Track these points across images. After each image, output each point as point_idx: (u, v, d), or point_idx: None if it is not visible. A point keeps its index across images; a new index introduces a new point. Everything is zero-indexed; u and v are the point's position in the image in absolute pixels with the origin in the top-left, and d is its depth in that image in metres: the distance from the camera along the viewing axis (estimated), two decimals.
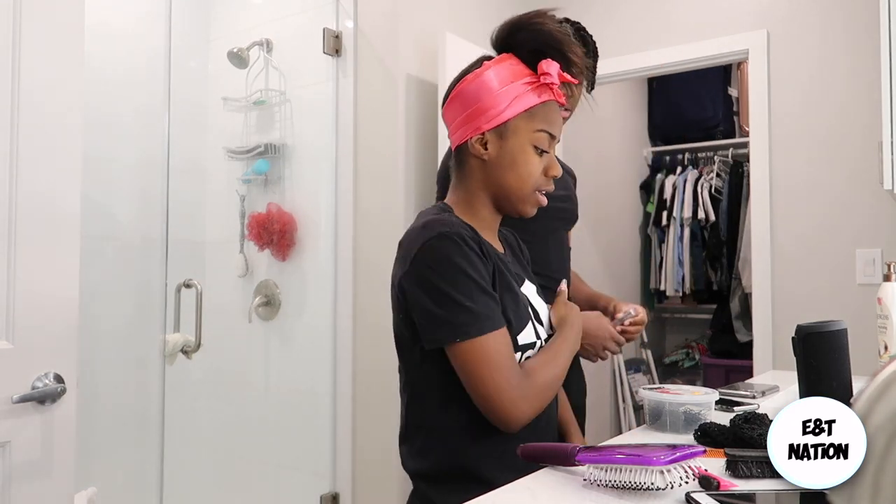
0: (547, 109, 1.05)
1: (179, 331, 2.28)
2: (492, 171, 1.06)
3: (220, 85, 2.69)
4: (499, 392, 0.95)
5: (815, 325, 1.11)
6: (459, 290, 0.96)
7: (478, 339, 0.95)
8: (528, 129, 1.04)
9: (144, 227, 2.41)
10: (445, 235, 0.98)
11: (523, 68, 1.04)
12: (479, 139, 1.04)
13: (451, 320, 0.96)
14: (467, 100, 1.04)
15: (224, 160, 2.67)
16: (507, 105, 1.02)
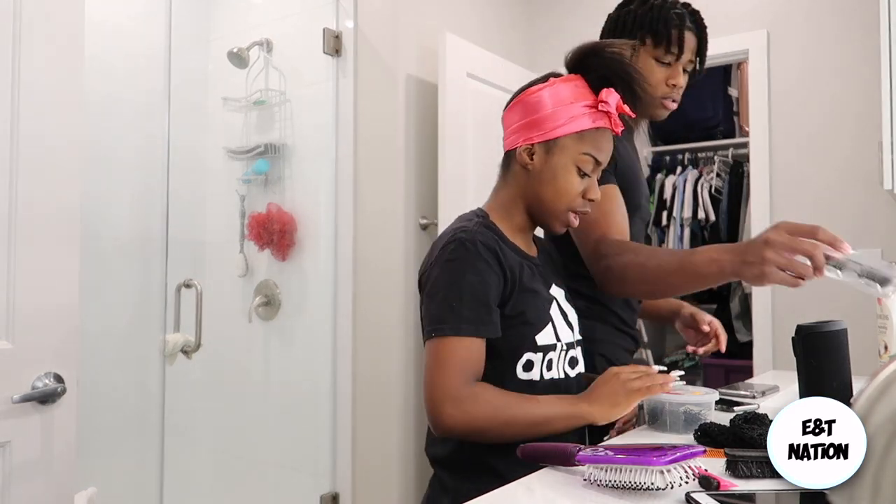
0: (598, 136, 1.09)
1: (179, 331, 2.28)
2: (533, 181, 1.10)
3: (220, 85, 2.69)
4: (434, 391, 0.99)
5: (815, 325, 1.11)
6: (452, 290, 1.00)
7: (447, 339, 0.99)
8: (575, 150, 1.08)
9: (144, 227, 2.41)
10: (461, 241, 1.03)
11: (587, 92, 1.09)
12: (527, 149, 1.10)
13: (435, 315, 1.01)
14: (526, 109, 1.10)
15: (224, 160, 2.67)
16: (561, 123, 1.07)
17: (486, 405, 0.99)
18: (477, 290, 1.00)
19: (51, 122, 1.17)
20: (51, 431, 1.16)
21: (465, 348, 0.99)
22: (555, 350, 1.08)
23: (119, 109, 2.33)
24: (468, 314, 0.99)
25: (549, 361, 1.09)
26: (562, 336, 1.11)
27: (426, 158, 2.57)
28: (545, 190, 1.10)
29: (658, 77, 1.32)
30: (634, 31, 1.32)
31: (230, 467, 2.65)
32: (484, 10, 2.92)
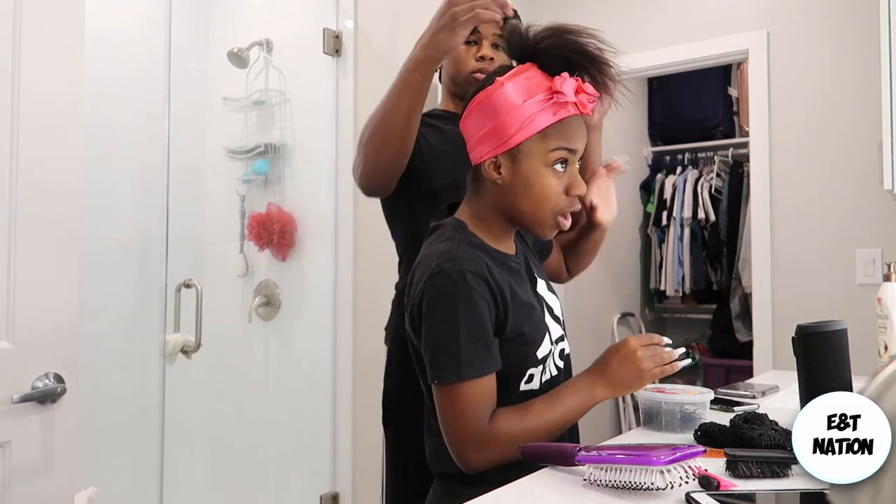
0: (564, 126, 0.99)
1: (179, 331, 2.28)
2: (506, 195, 1.01)
3: (220, 85, 2.69)
4: (455, 437, 0.96)
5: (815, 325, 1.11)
6: (448, 333, 0.94)
7: (452, 386, 0.94)
8: (541, 151, 0.98)
9: (144, 227, 2.41)
10: (447, 274, 0.94)
11: (541, 81, 0.99)
12: (492, 163, 1.00)
13: (434, 362, 0.96)
14: (481, 118, 1.00)
15: (224, 160, 2.67)
16: (518, 127, 0.97)
17: (508, 440, 0.95)
18: (473, 328, 0.94)
19: (51, 123, 1.17)
20: (51, 431, 1.16)
21: (472, 390, 0.94)
22: (550, 355, 1.06)
23: (119, 109, 2.34)
24: (468, 356, 0.94)
25: (546, 368, 1.07)
26: (553, 336, 1.08)
27: None
28: (521, 202, 1.00)
29: (465, 55, 1.37)
30: None
31: (230, 467, 2.65)
32: None
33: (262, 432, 2.56)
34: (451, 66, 1.40)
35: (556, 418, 0.98)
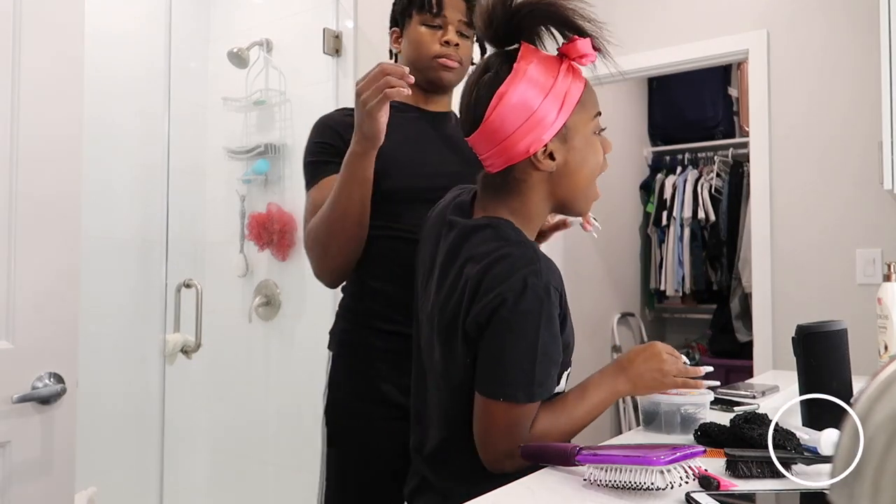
0: (590, 92, 0.99)
1: (179, 331, 2.28)
2: (563, 178, 0.97)
3: (220, 85, 2.69)
4: (498, 450, 0.94)
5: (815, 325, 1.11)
6: (526, 351, 0.90)
7: (518, 406, 0.91)
8: (585, 121, 0.97)
9: (144, 227, 2.41)
10: (534, 289, 0.89)
11: (548, 57, 0.95)
12: (543, 152, 0.94)
13: (505, 378, 0.91)
14: (514, 116, 0.93)
15: (224, 160, 2.67)
16: (560, 105, 0.93)
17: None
18: (550, 349, 0.92)
19: (51, 123, 1.17)
20: (51, 431, 1.16)
21: (529, 414, 0.93)
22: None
23: (119, 109, 2.34)
24: (540, 377, 0.91)
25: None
26: None
27: None
28: (580, 177, 0.98)
29: (429, 38, 1.31)
30: (405, 11, 1.34)
31: (230, 467, 2.65)
32: None
33: (262, 432, 2.56)
34: (412, 51, 1.32)
35: (583, 415, 0.98)
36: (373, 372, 1.30)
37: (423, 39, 1.31)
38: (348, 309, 1.37)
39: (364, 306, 1.33)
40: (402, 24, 1.35)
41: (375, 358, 1.31)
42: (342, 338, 1.36)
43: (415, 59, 1.32)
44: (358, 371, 1.32)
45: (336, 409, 1.34)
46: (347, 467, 1.31)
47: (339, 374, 1.35)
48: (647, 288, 4.22)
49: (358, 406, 1.30)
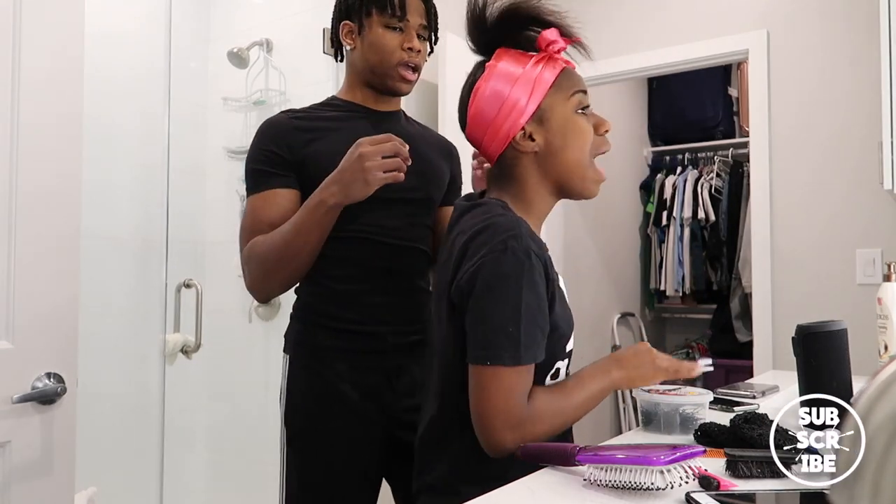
0: (567, 75, 1.04)
1: (179, 331, 2.28)
2: (548, 158, 1.02)
3: (220, 85, 2.69)
4: (493, 418, 0.92)
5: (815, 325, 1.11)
6: (509, 313, 0.92)
7: (506, 370, 0.92)
8: (562, 100, 1.02)
9: (145, 227, 2.41)
10: (513, 251, 0.92)
11: (522, 53, 1.03)
12: (521, 135, 1.01)
13: (490, 341, 0.92)
14: (489, 107, 1.01)
15: (224, 160, 2.67)
16: (530, 91, 1.00)
17: (542, 422, 0.95)
18: (533, 312, 0.93)
19: (51, 122, 1.17)
20: (51, 431, 1.16)
21: (520, 374, 0.93)
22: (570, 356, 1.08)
23: (119, 109, 2.33)
24: (526, 340, 0.92)
25: (570, 363, 1.09)
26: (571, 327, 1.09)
27: None
28: (567, 153, 1.02)
29: (392, 43, 1.28)
30: (359, 6, 1.29)
31: (230, 467, 2.65)
32: None
33: (261, 432, 2.56)
34: (373, 55, 1.29)
35: (583, 400, 0.99)
36: (331, 372, 1.29)
37: (387, 44, 1.28)
38: (304, 309, 1.35)
39: (320, 307, 1.31)
40: (360, 22, 1.29)
41: (333, 358, 1.30)
42: (298, 338, 1.35)
43: (376, 64, 1.30)
44: (315, 372, 1.30)
45: (295, 411, 1.33)
46: (307, 469, 1.30)
47: (296, 376, 1.33)
48: (647, 288, 4.22)
49: (316, 408, 1.28)
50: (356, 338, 1.29)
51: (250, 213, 1.29)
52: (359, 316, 1.29)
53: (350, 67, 1.35)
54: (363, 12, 1.29)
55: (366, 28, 1.29)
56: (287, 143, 1.26)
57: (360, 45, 1.30)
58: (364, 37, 1.29)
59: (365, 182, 1.11)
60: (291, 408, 1.34)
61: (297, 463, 1.31)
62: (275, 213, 1.25)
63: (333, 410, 1.28)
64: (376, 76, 1.31)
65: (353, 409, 1.28)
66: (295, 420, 1.33)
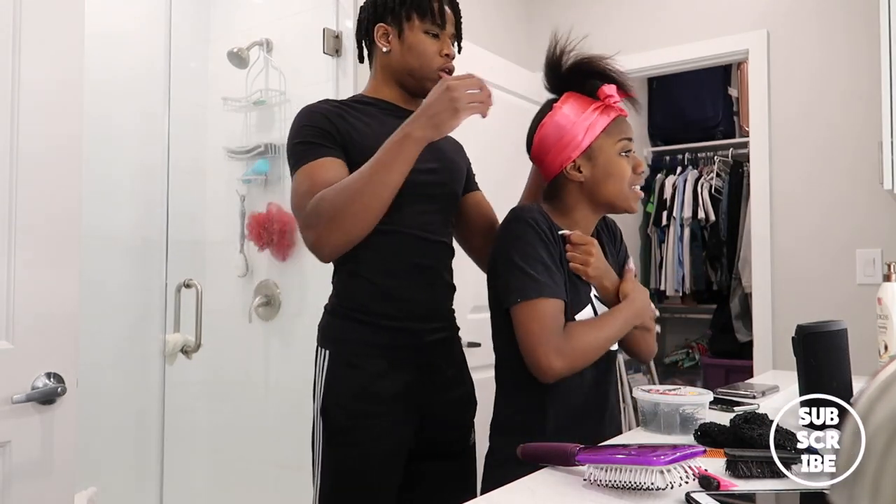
0: (618, 123, 1.25)
1: (179, 331, 2.28)
2: (591, 188, 1.24)
3: (220, 85, 2.69)
4: (538, 345, 1.11)
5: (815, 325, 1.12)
6: (526, 261, 1.15)
7: (533, 301, 1.13)
8: (611, 144, 1.23)
9: (145, 227, 2.41)
10: (521, 219, 1.19)
11: (586, 99, 1.25)
12: (572, 166, 1.24)
13: (517, 285, 1.15)
14: (550, 139, 1.25)
15: (224, 160, 2.67)
16: (584, 133, 1.23)
17: (579, 342, 1.14)
18: (544, 258, 1.15)
19: (51, 123, 1.17)
20: (51, 431, 1.16)
21: (549, 307, 1.13)
22: None
23: (119, 110, 2.33)
24: (545, 279, 1.14)
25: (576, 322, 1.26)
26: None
27: None
28: (607, 187, 1.24)
29: (432, 49, 1.33)
30: (398, 11, 1.34)
31: (230, 467, 2.65)
32: (485, 10, 2.91)
33: (262, 432, 2.56)
34: (414, 59, 1.33)
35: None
36: (372, 369, 1.29)
37: (428, 50, 1.34)
38: (343, 304, 1.35)
39: (361, 302, 1.32)
40: (399, 25, 1.34)
41: (375, 354, 1.29)
42: (338, 334, 1.34)
43: (416, 67, 1.34)
44: (356, 368, 1.30)
45: (335, 406, 1.30)
46: (346, 465, 1.28)
47: (336, 372, 1.31)
48: (647, 288, 4.21)
49: (357, 404, 1.28)
50: (396, 334, 1.30)
51: (306, 178, 1.23)
52: (398, 311, 1.31)
53: (382, 68, 1.39)
54: (403, 17, 1.34)
55: (406, 32, 1.34)
56: (334, 123, 1.28)
57: (398, 48, 1.35)
58: (404, 41, 1.34)
59: (454, 111, 1.16)
60: (332, 403, 1.30)
61: (336, 458, 1.29)
62: (332, 175, 1.22)
63: (373, 407, 1.28)
64: (414, 79, 1.36)
65: (391, 406, 1.28)
66: (336, 415, 1.29)
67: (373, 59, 1.41)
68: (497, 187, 1.67)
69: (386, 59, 1.37)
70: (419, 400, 1.31)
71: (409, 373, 1.30)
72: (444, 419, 1.35)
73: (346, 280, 1.35)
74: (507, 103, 2.76)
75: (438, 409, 1.34)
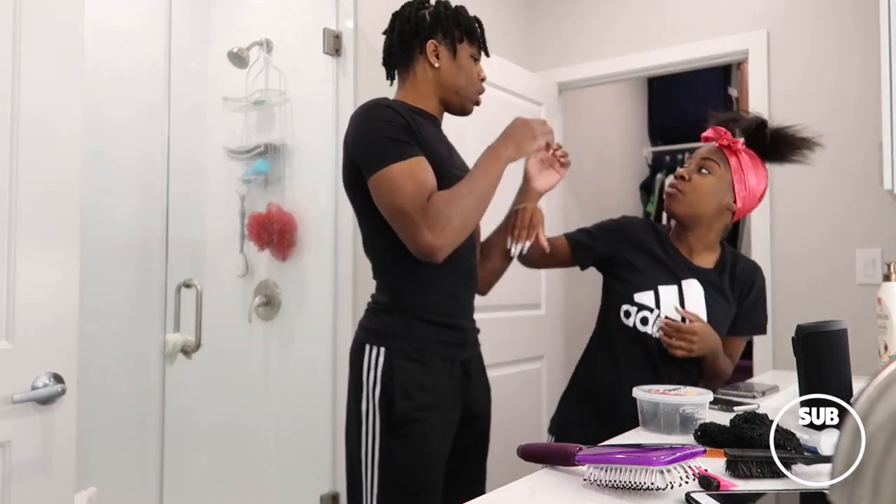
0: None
1: (179, 331, 2.28)
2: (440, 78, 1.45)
3: (220, 85, 2.69)
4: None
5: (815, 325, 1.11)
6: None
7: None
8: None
9: (144, 227, 2.41)
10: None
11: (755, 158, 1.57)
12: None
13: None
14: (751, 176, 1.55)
15: (224, 160, 2.67)
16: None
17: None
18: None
19: (51, 122, 1.17)
20: (51, 431, 1.16)
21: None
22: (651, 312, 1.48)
23: (119, 109, 2.33)
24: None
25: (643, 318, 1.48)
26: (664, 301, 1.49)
27: None
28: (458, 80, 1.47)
29: (474, 71, 1.47)
30: (452, 31, 1.43)
31: (230, 467, 2.65)
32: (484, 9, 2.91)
33: (262, 432, 2.56)
34: (463, 79, 1.44)
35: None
36: (430, 365, 1.34)
37: (474, 73, 1.46)
38: (400, 301, 1.37)
39: (419, 299, 1.36)
40: (452, 45, 1.42)
41: (432, 350, 1.35)
42: (395, 330, 1.35)
43: (462, 86, 1.44)
44: (419, 363, 1.33)
45: (401, 399, 1.30)
46: (413, 458, 1.30)
47: (398, 367, 1.32)
48: None
49: (424, 397, 1.31)
50: (448, 331, 1.38)
51: (410, 177, 1.27)
52: (451, 309, 1.39)
53: (427, 82, 1.44)
54: (456, 38, 1.43)
55: (459, 53, 1.43)
56: (411, 124, 1.32)
57: (449, 66, 1.43)
58: (456, 60, 1.43)
59: (533, 136, 1.38)
60: (398, 394, 1.30)
61: (401, 449, 1.30)
62: (430, 176, 1.30)
63: (438, 399, 1.33)
64: (458, 97, 1.45)
65: (445, 402, 1.35)
66: (403, 407, 1.30)
67: (409, 71, 1.44)
68: None
69: (434, 74, 1.43)
70: (463, 394, 1.39)
71: (457, 368, 1.38)
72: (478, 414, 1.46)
73: (401, 277, 1.38)
74: (506, 102, 2.76)
75: (474, 405, 1.43)
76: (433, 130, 1.41)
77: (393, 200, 1.26)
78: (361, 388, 1.34)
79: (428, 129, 1.38)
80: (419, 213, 1.24)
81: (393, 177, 1.26)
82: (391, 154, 1.27)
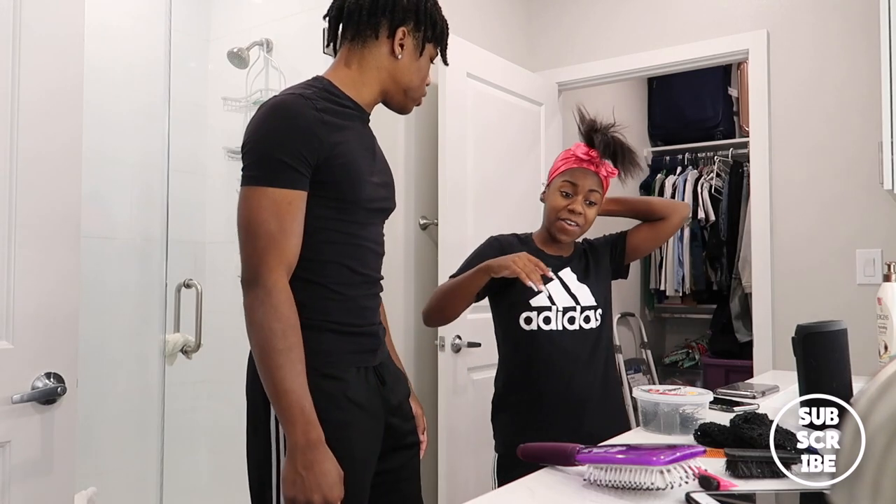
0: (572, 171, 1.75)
1: (179, 331, 2.28)
2: None
3: (220, 85, 2.69)
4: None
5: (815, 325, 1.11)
6: None
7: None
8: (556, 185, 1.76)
9: (144, 227, 2.40)
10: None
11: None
12: None
13: None
14: None
15: (224, 160, 2.67)
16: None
17: None
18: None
19: (51, 122, 1.17)
20: (51, 431, 1.16)
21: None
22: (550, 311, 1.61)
23: (119, 109, 2.33)
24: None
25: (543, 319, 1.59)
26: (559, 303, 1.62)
27: (426, 158, 2.57)
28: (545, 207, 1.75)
29: (425, 74, 1.35)
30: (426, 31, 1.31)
31: (230, 467, 2.65)
32: (484, 9, 2.91)
33: None
34: (416, 78, 1.32)
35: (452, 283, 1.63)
36: (345, 376, 1.27)
37: (425, 74, 1.35)
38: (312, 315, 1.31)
39: (332, 313, 1.30)
40: (421, 41, 1.30)
41: (346, 362, 1.29)
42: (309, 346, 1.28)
43: (413, 87, 1.33)
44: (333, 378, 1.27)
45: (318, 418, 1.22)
46: None
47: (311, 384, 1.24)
48: (647, 288, 4.22)
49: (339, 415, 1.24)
50: (362, 339, 1.32)
51: (274, 215, 1.27)
52: (362, 319, 1.32)
53: (379, 69, 1.30)
54: (425, 36, 1.31)
55: (421, 52, 1.31)
56: (316, 144, 1.21)
57: (409, 62, 1.30)
58: (419, 59, 1.32)
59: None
60: None
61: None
62: (299, 225, 1.26)
63: (353, 413, 1.26)
64: (405, 96, 1.33)
65: (366, 409, 1.28)
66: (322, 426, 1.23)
67: (361, 48, 1.31)
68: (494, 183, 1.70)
69: (391, 64, 1.29)
70: (382, 395, 1.32)
71: (371, 373, 1.32)
72: (399, 405, 1.37)
73: (311, 293, 1.32)
74: (505, 102, 2.76)
75: (394, 397, 1.35)
76: (356, 132, 1.27)
77: (249, 224, 1.27)
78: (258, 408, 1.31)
79: (349, 133, 1.24)
80: (266, 252, 1.28)
81: (258, 198, 1.26)
82: (273, 177, 1.23)
